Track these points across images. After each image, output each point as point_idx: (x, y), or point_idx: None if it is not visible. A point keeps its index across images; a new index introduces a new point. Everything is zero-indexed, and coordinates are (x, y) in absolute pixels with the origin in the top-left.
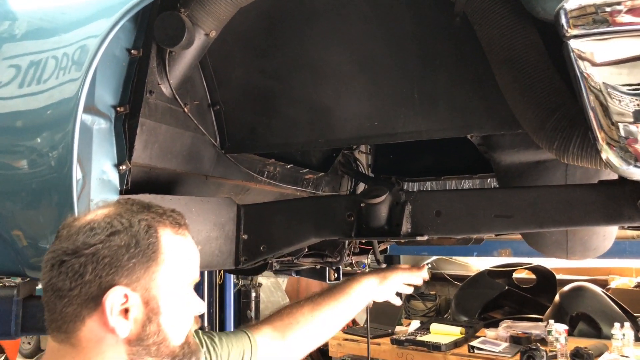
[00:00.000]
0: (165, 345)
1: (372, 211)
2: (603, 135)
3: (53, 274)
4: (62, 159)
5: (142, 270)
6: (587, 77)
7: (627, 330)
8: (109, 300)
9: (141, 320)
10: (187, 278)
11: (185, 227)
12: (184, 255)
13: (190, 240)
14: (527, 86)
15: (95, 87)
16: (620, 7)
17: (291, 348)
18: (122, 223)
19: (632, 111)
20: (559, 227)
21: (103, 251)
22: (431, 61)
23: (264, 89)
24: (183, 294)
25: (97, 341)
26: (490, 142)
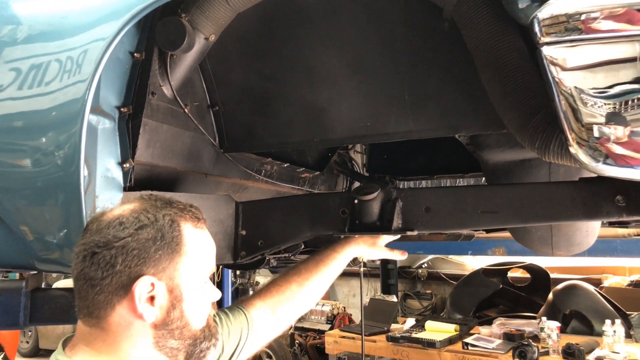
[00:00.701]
0: (187, 329)
1: (364, 207)
2: (573, 135)
3: (85, 264)
4: (70, 157)
5: (167, 261)
6: (558, 82)
7: (617, 327)
8: (138, 288)
9: (166, 306)
10: (206, 268)
11: (204, 221)
12: (203, 247)
13: (208, 234)
14: (510, 88)
15: (100, 88)
16: (589, 17)
17: (280, 320)
18: (148, 218)
19: (599, 113)
20: (542, 222)
21: (132, 244)
22: (421, 64)
23: (262, 91)
24: (202, 282)
25: (126, 326)
26: (477, 141)
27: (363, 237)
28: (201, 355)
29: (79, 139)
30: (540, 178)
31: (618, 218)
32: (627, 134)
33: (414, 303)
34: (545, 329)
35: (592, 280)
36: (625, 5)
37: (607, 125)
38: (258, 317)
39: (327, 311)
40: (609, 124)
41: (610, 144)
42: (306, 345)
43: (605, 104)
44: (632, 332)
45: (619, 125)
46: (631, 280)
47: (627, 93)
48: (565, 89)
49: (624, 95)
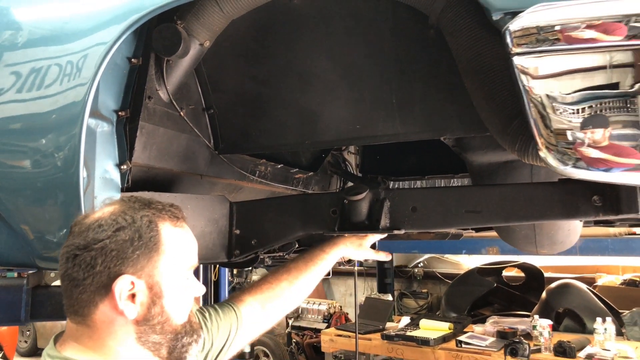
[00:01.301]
0: (168, 324)
1: (353, 207)
2: (542, 140)
3: (68, 266)
4: (70, 159)
5: (146, 260)
6: (528, 90)
7: (608, 325)
8: (118, 287)
9: (147, 303)
10: (186, 264)
11: (183, 219)
12: (182, 245)
13: (188, 231)
14: (491, 93)
15: (99, 93)
16: (557, 30)
17: (270, 316)
18: (126, 220)
19: (566, 119)
20: (523, 221)
21: (110, 245)
22: (408, 69)
23: (255, 94)
24: (183, 278)
25: (109, 322)
26: (462, 144)
27: (350, 238)
28: (183, 350)
29: (78, 142)
30: (522, 179)
31: (595, 217)
32: (593, 138)
33: (410, 302)
34: (538, 327)
35: (586, 279)
36: (590, 19)
37: (575, 130)
38: (247, 312)
39: (323, 310)
40: (576, 130)
41: (579, 148)
42: (303, 344)
43: (572, 111)
44: (624, 330)
45: (586, 130)
46: (624, 279)
47: (591, 100)
48: (535, 97)
49: (589, 102)
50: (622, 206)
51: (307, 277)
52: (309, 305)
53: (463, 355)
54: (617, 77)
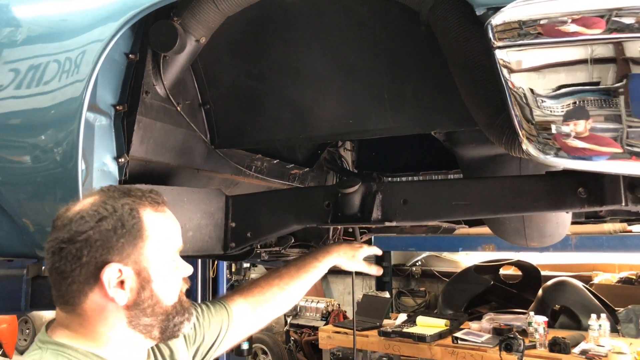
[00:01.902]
0: (159, 306)
1: (346, 200)
2: (524, 132)
3: (54, 259)
4: (68, 154)
5: (131, 248)
6: (509, 82)
7: (603, 322)
8: (106, 276)
9: (136, 288)
10: (171, 247)
11: (164, 204)
12: (165, 229)
13: (170, 215)
14: (479, 88)
15: (97, 87)
16: (537, 24)
17: (260, 319)
18: (107, 209)
19: (546, 111)
20: (511, 213)
21: (94, 236)
22: (400, 66)
23: (250, 90)
24: (170, 261)
25: (100, 310)
26: (452, 138)
27: (344, 249)
28: (175, 329)
29: (77, 136)
30: (511, 172)
31: (580, 209)
32: (575, 130)
33: (408, 300)
34: (533, 324)
35: (582, 278)
36: (569, 13)
37: (556, 122)
38: (238, 312)
39: (321, 308)
40: (558, 122)
41: (559, 139)
42: (301, 341)
43: (552, 104)
44: (619, 327)
45: (568, 122)
46: (620, 277)
47: (572, 94)
48: (515, 89)
49: (569, 96)
50: (606, 198)
51: (298, 283)
52: (307, 303)
53: (459, 351)
54: (599, 73)
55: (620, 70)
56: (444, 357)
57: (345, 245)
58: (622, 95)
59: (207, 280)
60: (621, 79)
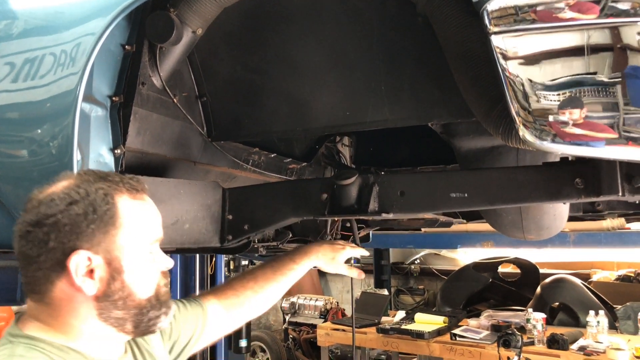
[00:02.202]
0: (131, 299)
1: (343, 192)
2: (520, 118)
3: (22, 243)
4: (64, 147)
5: (102, 235)
6: (505, 68)
7: (601, 318)
8: (73, 263)
9: (106, 279)
10: (148, 238)
11: (143, 191)
12: (142, 218)
13: (149, 203)
14: (476, 78)
15: (93, 78)
16: (533, 9)
17: (234, 321)
18: (79, 193)
19: (542, 97)
20: (508, 204)
21: (63, 220)
22: (396, 57)
23: (247, 82)
24: (146, 252)
25: (68, 300)
26: (449, 130)
27: (324, 250)
28: (150, 324)
29: (72, 130)
30: (508, 164)
31: (577, 199)
32: (570, 117)
33: (406, 298)
34: (531, 320)
35: (581, 275)
36: None
37: (552, 109)
38: (213, 313)
39: (320, 306)
40: (554, 109)
41: (556, 125)
42: (300, 339)
43: (548, 90)
44: (618, 324)
45: (564, 111)
46: (619, 275)
47: (566, 79)
48: (511, 76)
49: (565, 84)
50: (603, 188)
51: (274, 287)
52: (305, 301)
53: (457, 348)
54: (595, 60)
55: (617, 57)
56: (442, 354)
57: (326, 246)
58: (618, 82)
59: (205, 277)
60: (618, 66)
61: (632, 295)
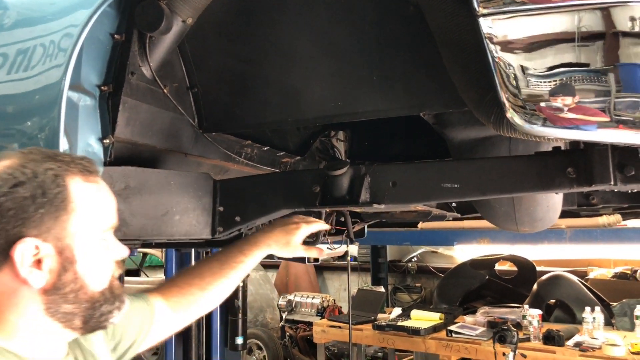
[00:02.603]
0: (83, 292)
1: (334, 182)
2: (509, 103)
3: None
4: (51, 135)
5: (52, 221)
6: (493, 51)
7: (597, 314)
8: (18, 252)
9: (56, 269)
10: (102, 224)
11: (97, 173)
12: (96, 203)
13: (104, 187)
14: (468, 66)
15: (82, 67)
16: None
17: (182, 319)
18: (25, 174)
19: (531, 79)
20: (500, 194)
21: (7, 204)
22: (388, 46)
23: (239, 73)
24: (100, 240)
25: (11, 293)
26: (442, 120)
27: (276, 236)
28: (102, 319)
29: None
30: (501, 154)
31: (569, 189)
32: (561, 99)
33: (403, 296)
34: (527, 316)
35: (578, 273)
36: None
37: (543, 95)
38: (160, 311)
39: (317, 304)
40: (545, 94)
41: (547, 108)
42: (296, 337)
43: (537, 72)
44: (614, 321)
45: (556, 97)
46: (615, 272)
47: (557, 63)
48: (500, 58)
49: (555, 67)
50: (595, 177)
51: (223, 282)
52: (302, 299)
53: (453, 344)
54: (587, 46)
55: (610, 40)
56: (438, 350)
57: (278, 231)
58: (610, 67)
59: None
60: (610, 49)
61: (629, 292)
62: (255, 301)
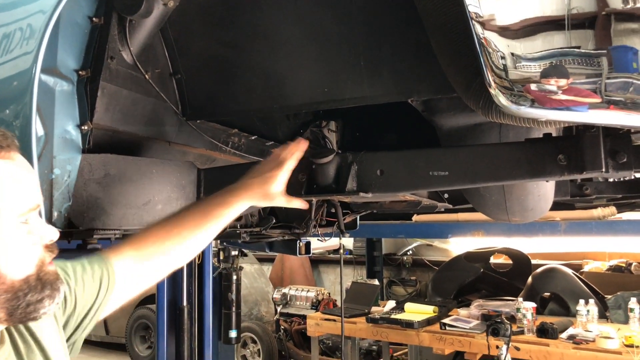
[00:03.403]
0: (1, 282)
1: (321, 171)
2: (495, 85)
3: None
4: (25, 123)
5: None
6: (479, 31)
7: (591, 307)
8: None
9: None
10: (22, 205)
11: (9, 149)
12: (10, 181)
13: (21, 164)
14: (456, 51)
15: (58, 51)
16: None
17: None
18: None
19: (519, 59)
20: (490, 182)
21: None
22: (376, 31)
23: (223, 58)
24: (16, 222)
25: None
26: (431, 107)
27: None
28: (30, 309)
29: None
30: (491, 141)
31: (560, 177)
32: (551, 81)
33: (398, 289)
34: (521, 310)
35: (573, 266)
36: None
37: (532, 77)
38: (122, 271)
39: (312, 297)
40: (534, 76)
41: (535, 89)
42: (291, 330)
43: (523, 51)
44: (608, 314)
45: (549, 79)
46: (610, 265)
47: (547, 47)
48: (485, 38)
49: (544, 48)
50: (587, 164)
51: (203, 233)
52: (297, 292)
53: (447, 337)
54: (577, 30)
55: (601, 21)
56: (431, 343)
57: (256, 182)
58: (602, 50)
59: (193, 266)
60: (601, 30)
61: (624, 285)
62: (250, 294)
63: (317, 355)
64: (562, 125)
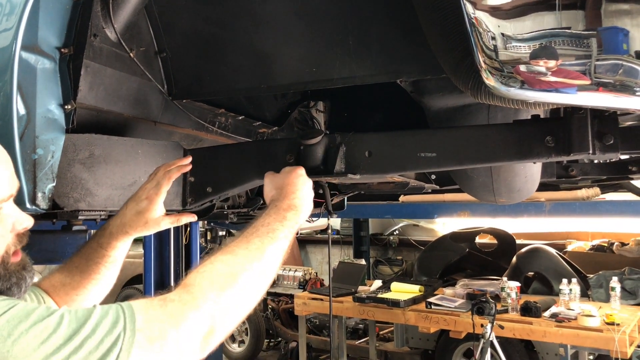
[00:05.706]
0: None
1: (309, 152)
2: (485, 65)
3: None
4: (5, 101)
5: None
6: (470, 10)
7: (573, 286)
8: None
9: None
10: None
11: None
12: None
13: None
14: (446, 31)
15: (39, 27)
16: None
17: None
18: None
19: (509, 39)
20: (478, 163)
21: None
22: (365, 10)
23: (209, 37)
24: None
25: None
26: (419, 87)
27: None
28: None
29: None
30: (479, 122)
31: (547, 158)
32: (546, 66)
33: (385, 269)
34: (506, 289)
35: (556, 246)
36: None
37: (520, 52)
38: None
39: (299, 276)
40: (523, 57)
41: (525, 71)
42: (279, 309)
43: (513, 32)
44: (590, 292)
45: (538, 60)
46: (593, 245)
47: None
48: (476, 18)
49: (534, 29)
50: (574, 146)
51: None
52: (284, 272)
53: (432, 316)
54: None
55: (590, 6)
56: (417, 322)
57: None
58: (592, 31)
59: (180, 247)
60: (591, 11)
61: (606, 264)
62: None
63: (304, 333)
64: (550, 106)
